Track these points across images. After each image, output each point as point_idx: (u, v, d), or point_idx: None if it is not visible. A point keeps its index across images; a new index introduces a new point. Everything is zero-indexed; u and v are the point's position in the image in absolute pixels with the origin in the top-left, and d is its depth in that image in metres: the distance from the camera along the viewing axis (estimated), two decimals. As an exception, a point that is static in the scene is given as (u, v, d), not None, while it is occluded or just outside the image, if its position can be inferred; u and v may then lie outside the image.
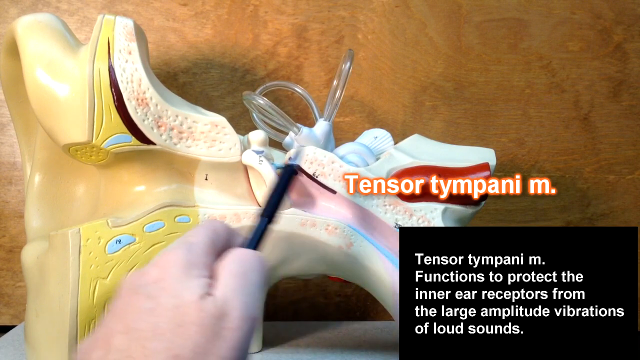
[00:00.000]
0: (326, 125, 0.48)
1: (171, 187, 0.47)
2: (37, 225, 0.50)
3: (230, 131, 0.46)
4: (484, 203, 0.47)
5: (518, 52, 0.65)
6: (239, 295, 0.31)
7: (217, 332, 0.30)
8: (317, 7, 0.63)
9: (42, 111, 0.44)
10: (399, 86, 0.64)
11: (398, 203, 0.46)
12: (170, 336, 0.29)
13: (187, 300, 0.30)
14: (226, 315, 0.30)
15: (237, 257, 0.33)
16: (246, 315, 0.31)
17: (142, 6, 0.62)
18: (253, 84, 0.62)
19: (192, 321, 0.29)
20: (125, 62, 0.44)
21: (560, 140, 0.65)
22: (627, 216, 0.66)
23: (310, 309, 0.64)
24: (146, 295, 0.30)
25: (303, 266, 0.48)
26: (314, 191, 0.47)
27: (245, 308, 0.31)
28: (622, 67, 0.66)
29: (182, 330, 0.29)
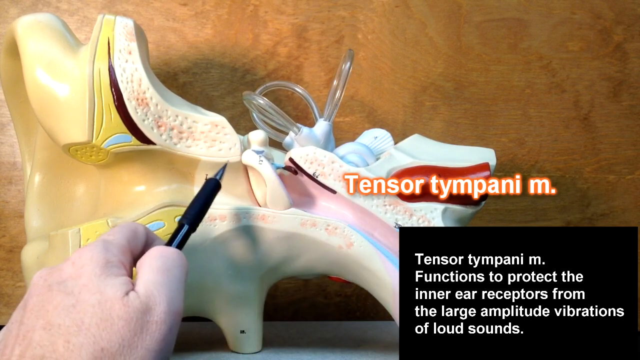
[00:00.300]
0: (326, 125, 0.48)
1: (171, 187, 0.47)
2: (37, 225, 0.50)
3: (230, 131, 0.46)
4: (484, 203, 0.47)
5: (518, 52, 0.65)
6: (162, 290, 0.32)
7: (143, 326, 0.31)
8: (317, 7, 0.63)
9: (42, 111, 0.44)
10: (399, 86, 0.64)
11: (398, 203, 0.46)
12: (96, 330, 0.30)
13: (110, 297, 0.31)
14: (151, 310, 0.31)
15: (159, 253, 0.34)
16: (170, 309, 0.32)
17: (142, 6, 0.62)
18: (253, 84, 0.62)
19: (118, 315, 0.30)
20: (125, 62, 0.44)
21: (560, 140, 0.65)
22: (627, 216, 0.66)
23: (310, 309, 0.64)
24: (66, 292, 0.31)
25: (303, 266, 0.48)
26: (314, 191, 0.47)
27: (169, 302, 0.32)
28: (622, 67, 0.66)
29: (108, 325, 0.30)
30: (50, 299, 0.31)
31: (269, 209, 0.45)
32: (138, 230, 0.37)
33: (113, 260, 0.33)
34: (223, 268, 0.46)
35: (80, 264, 0.32)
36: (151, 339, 0.31)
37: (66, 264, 0.33)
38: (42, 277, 0.32)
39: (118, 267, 0.33)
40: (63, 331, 0.29)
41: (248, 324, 0.48)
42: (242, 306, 0.47)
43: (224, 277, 0.46)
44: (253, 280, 0.47)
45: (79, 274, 0.32)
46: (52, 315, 0.30)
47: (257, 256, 0.47)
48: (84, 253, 0.33)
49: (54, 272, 0.32)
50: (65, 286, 0.31)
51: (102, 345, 0.29)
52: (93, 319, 0.30)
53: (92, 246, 0.33)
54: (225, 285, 0.47)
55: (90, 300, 0.30)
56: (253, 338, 0.48)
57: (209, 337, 0.54)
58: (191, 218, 0.39)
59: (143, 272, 0.33)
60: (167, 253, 0.34)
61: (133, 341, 0.30)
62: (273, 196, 0.45)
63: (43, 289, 0.31)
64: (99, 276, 0.31)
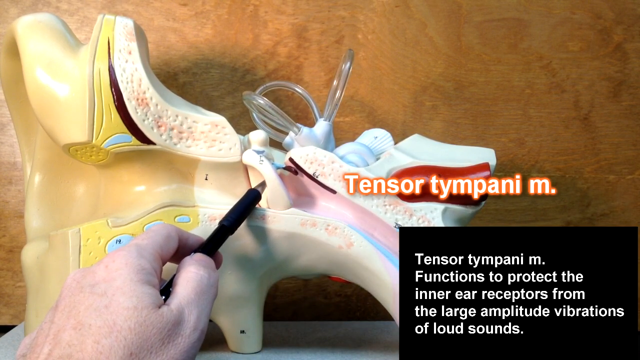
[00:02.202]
0: (326, 125, 0.48)
1: (171, 187, 0.47)
2: (37, 225, 0.50)
3: (231, 131, 0.46)
4: (484, 203, 0.47)
5: (518, 52, 0.65)
6: (194, 309, 0.33)
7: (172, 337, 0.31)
8: (317, 7, 0.63)
9: (42, 111, 0.44)
10: (399, 86, 0.64)
11: (398, 203, 0.46)
12: (128, 334, 0.30)
13: (147, 304, 0.31)
14: (180, 324, 0.32)
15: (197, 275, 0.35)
16: (198, 326, 0.33)
17: (142, 6, 0.62)
18: (253, 84, 0.62)
19: (152, 324, 0.31)
20: (125, 62, 0.44)
21: (560, 140, 0.65)
22: (627, 216, 0.66)
23: (310, 309, 0.64)
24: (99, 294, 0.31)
25: (303, 266, 0.48)
26: (314, 191, 0.47)
27: (197, 321, 0.33)
28: (622, 67, 0.66)
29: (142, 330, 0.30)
30: (82, 299, 0.31)
31: (269, 209, 0.45)
32: (171, 235, 0.37)
33: (147, 267, 0.33)
34: (223, 268, 0.46)
35: (115, 267, 0.32)
36: (177, 349, 0.31)
37: (99, 267, 0.33)
38: (75, 280, 0.33)
39: (152, 274, 0.33)
40: (94, 331, 0.30)
41: (248, 324, 0.48)
42: (242, 306, 0.47)
43: (224, 277, 0.46)
44: (253, 280, 0.47)
45: (113, 277, 0.32)
46: (83, 315, 0.30)
47: (257, 256, 0.47)
48: (117, 257, 0.33)
49: (87, 274, 0.33)
50: (98, 288, 0.31)
51: (131, 350, 0.30)
52: (126, 323, 0.30)
53: (126, 251, 0.34)
54: (225, 285, 0.47)
55: (126, 303, 0.31)
56: (253, 338, 0.48)
57: (209, 337, 0.54)
58: (231, 220, 0.41)
59: (179, 289, 0.34)
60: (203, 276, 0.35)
61: (160, 350, 0.31)
62: (273, 196, 0.45)
63: (75, 290, 0.32)
64: (135, 282, 0.32)
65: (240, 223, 0.42)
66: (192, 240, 0.39)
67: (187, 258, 0.36)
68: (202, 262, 0.36)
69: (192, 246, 0.38)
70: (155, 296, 0.32)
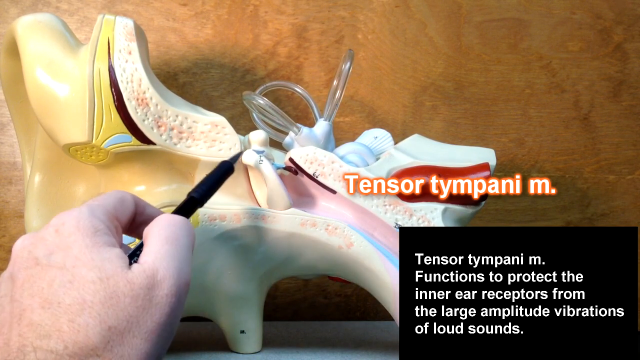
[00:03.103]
0: (326, 125, 0.48)
1: (171, 187, 0.47)
2: (37, 225, 0.50)
3: (230, 131, 0.46)
4: (484, 203, 0.47)
5: (518, 52, 0.65)
6: (171, 262, 0.31)
7: (151, 300, 0.29)
8: (317, 7, 0.63)
9: (42, 111, 0.44)
10: (399, 86, 0.64)
11: (398, 203, 0.46)
12: (101, 309, 0.28)
13: (111, 273, 0.29)
14: (159, 284, 0.30)
15: (166, 222, 0.33)
16: (180, 281, 0.31)
17: (142, 6, 0.62)
18: (253, 84, 0.62)
19: (123, 293, 0.29)
20: (125, 62, 0.44)
21: (560, 140, 0.65)
22: (627, 216, 0.66)
23: (310, 309, 0.64)
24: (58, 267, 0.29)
25: (303, 266, 0.48)
26: (314, 191, 0.47)
27: (178, 274, 0.31)
28: (622, 67, 0.66)
29: (114, 302, 0.29)
30: (41, 274, 0.29)
31: (269, 209, 0.45)
32: (125, 197, 0.35)
33: (101, 227, 0.31)
34: (223, 268, 0.46)
35: (66, 232, 0.30)
36: (161, 312, 0.30)
37: (48, 232, 0.31)
38: (26, 248, 0.30)
39: (107, 234, 0.31)
40: (64, 309, 0.28)
41: (248, 324, 0.48)
42: (242, 306, 0.47)
43: (224, 277, 0.46)
44: (253, 280, 0.47)
45: (67, 245, 0.30)
46: (47, 292, 0.28)
47: (257, 256, 0.47)
48: (67, 219, 0.31)
49: (37, 242, 0.30)
50: (55, 259, 0.29)
51: (109, 324, 0.28)
52: (96, 297, 0.28)
53: (76, 211, 0.31)
54: (225, 285, 0.47)
55: (89, 276, 0.29)
56: (253, 338, 0.48)
57: (209, 337, 0.54)
58: (201, 192, 0.38)
59: (151, 242, 0.32)
60: (175, 221, 0.33)
61: (142, 317, 0.29)
62: (273, 196, 0.45)
63: (30, 261, 0.30)
64: (91, 248, 0.30)
65: (210, 196, 0.39)
66: (150, 210, 0.36)
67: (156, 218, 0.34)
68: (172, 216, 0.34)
69: (151, 215, 0.36)
70: (117, 258, 0.30)
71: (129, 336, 0.28)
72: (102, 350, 0.28)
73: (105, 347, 0.28)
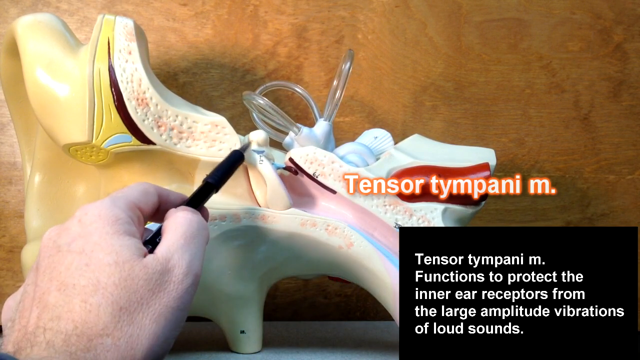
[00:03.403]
0: (326, 125, 0.48)
1: (171, 187, 0.47)
2: (37, 225, 0.50)
3: (230, 131, 0.46)
4: (484, 203, 0.47)
5: (518, 52, 0.65)
6: (184, 255, 0.32)
7: (162, 285, 0.31)
8: (317, 7, 0.63)
9: (42, 111, 0.44)
10: (399, 86, 0.64)
11: (398, 203, 0.46)
12: (114, 290, 0.30)
13: (127, 258, 0.30)
14: (169, 270, 0.31)
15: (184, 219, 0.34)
16: (190, 271, 0.32)
17: (142, 6, 0.62)
18: (253, 84, 0.62)
19: (137, 276, 0.30)
20: (125, 62, 0.44)
21: (560, 140, 0.65)
22: (627, 216, 0.66)
23: (310, 309, 0.64)
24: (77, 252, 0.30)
25: (303, 266, 0.48)
26: (314, 191, 0.47)
27: (189, 265, 0.32)
28: (622, 67, 0.66)
29: (127, 284, 0.30)
30: (61, 259, 0.31)
31: (269, 209, 0.45)
32: (148, 189, 0.36)
33: (122, 216, 0.32)
34: (223, 268, 0.46)
35: (88, 221, 0.32)
36: (169, 296, 0.31)
37: (72, 222, 0.32)
38: (51, 239, 0.32)
39: (129, 223, 0.33)
40: (79, 291, 0.29)
41: (248, 324, 0.48)
42: (242, 306, 0.47)
43: (224, 277, 0.46)
44: (253, 280, 0.47)
45: (89, 232, 0.31)
46: (65, 275, 0.30)
47: (257, 256, 0.47)
48: (90, 210, 0.32)
49: (61, 231, 0.32)
50: (75, 245, 0.31)
51: (120, 305, 0.29)
52: (110, 279, 0.30)
53: (99, 202, 0.33)
54: (225, 285, 0.47)
55: (106, 259, 0.30)
56: (253, 338, 0.48)
57: (209, 337, 0.54)
58: (216, 178, 0.40)
59: (167, 237, 0.33)
60: (191, 219, 0.35)
61: (151, 299, 0.30)
62: (273, 196, 0.45)
63: (53, 250, 0.31)
64: (112, 235, 0.31)
65: (225, 182, 0.41)
66: (174, 196, 0.38)
67: (173, 209, 0.36)
68: (190, 213, 0.35)
69: (175, 202, 0.38)
70: (134, 247, 0.31)
71: (139, 317, 0.30)
72: (112, 330, 0.29)
73: (116, 327, 0.29)
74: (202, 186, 0.40)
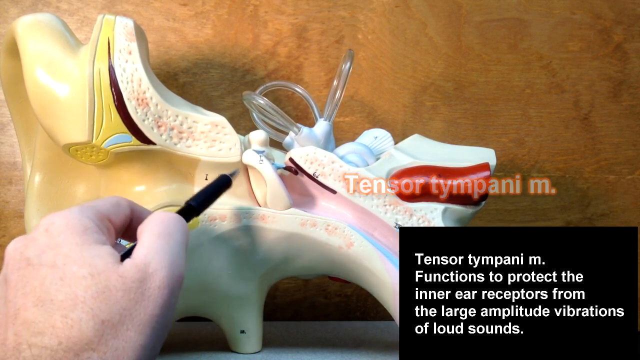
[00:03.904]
0: (326, 125, 0.48)
1: (171, 187, 0.47)
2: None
3: (231, 131, 0.46)
4: (484, 203, 0.47)
5: (518, 52, 0.65)
6: (164, 256, 0.31)
7: (144, 293, 0.30)
8: (317, 7, 0.63)
9: (42, 111, 0.44)
10: (399, 86, 0.64)
11: (398, 203, 0.46)
12: (93, 303, 0.28)
13: (102, 269, 0.29)
14: (150, 276, 0.30)
15: (160, 218, 0.33)
16: (172, 273, 0.31)
17: (142, 6, 0.62)
18: (253, 84, 0.62)
19: (115, 287, 0.29)
20: (125, 62, 0.44)
21: (560, 140, 0.65)
22: (627, 216, 0.66)
23: (310, 309, 0.64)
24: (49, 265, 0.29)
25: (303, 266, 0.48)
26: (314, 191, 0.47)
27: (170, 267, 0.31)
28: (622, 67, 0.66)
29: (106, 297, 0.29)
30: (33, 273, 0.29)
31: (269, 209, 0.45)
32: (120, 202, 0.35)
33: (91, 226, 0.31)
34: (223, 268, 0.46)
35: (56, 231, 0.30)
36: (154, 304, 0.30)
37: (39, 232, 0.31)
38: (17, 250, 0.31)
39: (98, 232, 0.31)
40: (57, 306, 0.28)
41: (248, 324, 0.48)
42: (242, 306, 0.47)
43: (224, 277, 0.46)
44: (253, 280, 0.47)
45: (57, 243, 0.30)
46: (40, 291, 0.29)
47: (257, 256, 0.47)
48: (57, 219, 0.31)
49: (28, 243, 0.31)
50: (46, 259, 0.30)
51: (102, 318, 0.28)
52: (88, 292, 0.29)
53: (66, 211, 0.31)
54: (225, 285, 0.47)
55: (80, 272, 0.29)
56: (253, 338, 0.48)
57: (209, 337, 0.54)
58: (198, 200, 0.39)
59: (144, 238, 0.32)
60: (168, 218, 0.33)
61: (135, 309, 0.29)
62: (273, 196, 0.45)
63: (21, 262, 0.30)
64: (81, 246, 0.30)
65: (207, 206, 0.40)
66: (147, 213, 0.36)
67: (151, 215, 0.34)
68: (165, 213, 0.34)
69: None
70: (107, 255, 0.30)
71: (123, 329, 0.29)
72: (96, 344, 0.28)
73: (100, 341, 0.28)
74: (183, 208, 0.38)
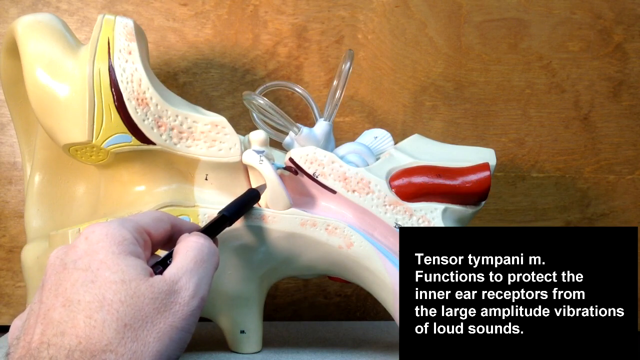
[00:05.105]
0: (326, 125, 0.48)
1: (171, 187, 0.47)
2: (37, 225, 0.50)
3: (230, 131, 0.46)
4: (484, 203, 0.47)
5: (518, 52, 0.65)
6: (192, 278, 0.33)
7: (167, 305, 0.31)
8: (317, 7, 0.63)
9: (42, 111, 0.44)
10: (399, 86, 0.64)
11: (398, 203, 0.46)
12: (120, 307, 0.30)
13: (133, 277, 0.31)
14: (176, 292, 0.32)
15: (196, 244, 0.35)
16: (197, 294, 0.33)
17: (142, 6, 0.62)
18: (253, 84, 0.62)
19: (143, 294, 0.31)
20: (125, 62, 0.44)
21: (560, 140, 0.65)
22: (627, 216, 0.66)
23: (310, 309, 0.64)
24: (82, 269, 0.31)
25: (303, 266, 0.48)
26: (314, 191, 0.47)
27: (195, 289, 0.33)
28: (622, 67, 0.66)
29: (133, 302, 0.30)
30: (67, 276, 0.31)
31: (269, 209, 0.45)
32: (161, 217, 0.37)
33: (128, 237, 0.33)
34: (223, 268, 0.46)
35: (95, 239, 0.32)
36: (175, 317, 0.31)
37: (79, 240, 0.32)
38: (58, 257, 0.32)
39: (134, 244, 0.33)
40: (84, 307, 0.29)
41: (248, 324, 0.48)
42: (242, 306, 0.47)
43: (224, 277, 0.46)
44: (253, 280, 0.47)
45: (95, 250, 0.31)
46: (70, 292, 0.30)
47: (257, 256, 0.47)
48: (97, 228, 0.33)
49: (69, 250, 0.32)
50: (81, 262, 0.31)
51: (125, 322, 0.30)
52: (116, 296, 0.30)
53: (107, 222, 0.33)
54: (225, 285, 0.47)
55: (112, 277, 0.30)
56: (253, 338, 0.48)
57: (209, 337, 0.54)
58: (231, 210, 0.41)
59: (177, 259, 0.34)
60: (204, 244, 0.35)
61: (157, 318, 0.30)
62: (273, 196, 0.45)
63: (59, 267, 0.32)
64: (117, 255, 0.31)
65: (239, 217, 0.43)
66: (188, 226, 0.38)
67: (185, 234, 0.36)
68: (201, 239, 0.36)
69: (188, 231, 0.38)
70: (140, 267, 0.31)
71: (143, 334, 0.30)
72: (115, 346, 0.29)
73: (120, 343, 0.29)
74: (217, 218, 0.41)
